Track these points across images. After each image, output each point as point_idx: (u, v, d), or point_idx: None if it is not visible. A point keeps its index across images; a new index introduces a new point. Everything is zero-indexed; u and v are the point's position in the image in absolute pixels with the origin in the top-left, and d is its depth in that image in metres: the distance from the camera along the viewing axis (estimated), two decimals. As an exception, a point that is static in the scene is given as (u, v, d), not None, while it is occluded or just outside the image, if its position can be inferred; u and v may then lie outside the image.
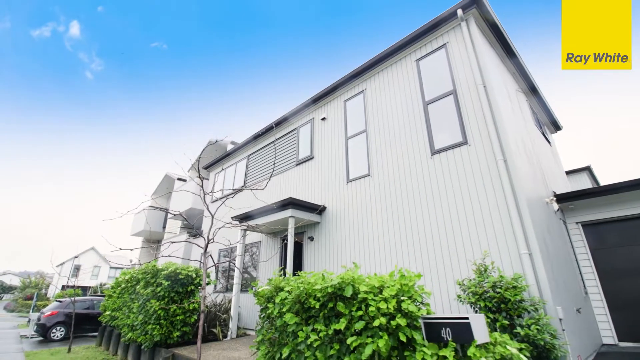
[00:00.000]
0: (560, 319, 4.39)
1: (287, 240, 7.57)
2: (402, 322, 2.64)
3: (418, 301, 2.95)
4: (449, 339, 2.64)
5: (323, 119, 9.18)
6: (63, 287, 33.69)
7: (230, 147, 14.87)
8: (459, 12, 6.45)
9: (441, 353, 2.54)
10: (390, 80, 7.78)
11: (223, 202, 4.70)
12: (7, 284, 50.60)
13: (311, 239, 8.10)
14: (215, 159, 14.28)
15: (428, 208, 6.00)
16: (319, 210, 8.02)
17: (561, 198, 7.17)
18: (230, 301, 8.58)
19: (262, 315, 3.96)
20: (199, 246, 4.15)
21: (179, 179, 19.51)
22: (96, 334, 12.24)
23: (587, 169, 19.02)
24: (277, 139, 10.84)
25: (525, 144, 6.61)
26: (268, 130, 11.16)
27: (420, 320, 2.83)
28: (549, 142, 9.67)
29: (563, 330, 4.36)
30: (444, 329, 2.71)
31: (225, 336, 7.73)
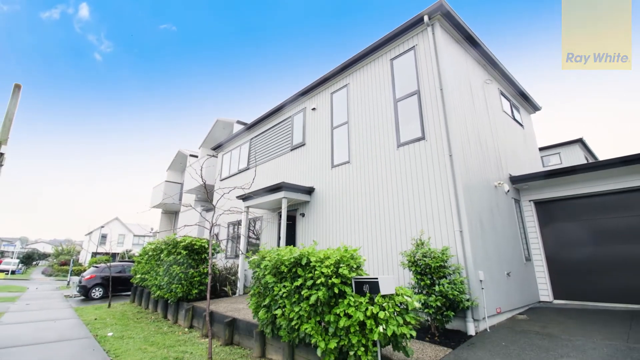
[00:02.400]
0: (481, 280, 5.75)
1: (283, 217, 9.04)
2: (336, 281, 4.04)
3: (354, 267, 4.33)
4: (367, 291, 4.04)
5: (313, 109, 10.28)
6: (93, 254, 37.06)
7: (236, 126, 16.06)
8: (425, 18, 7.29)
9: (360, 300, 3.95)
10: (369, 76, 8.75)
11: (222, 196, 6.11)
12: (40, 251, 55.30)
13: (302, 215, 9.54)
14: (222, 141, 15.60)
15: (392, 193, 7.27)
16: (308, 191, 9.38)
17: (515, 180, 8.30)
18: (238, 266, 10.30)
19: (253, 276, 5.46)
20: (205, 228, 5.59)
21: (191, 155, 21.03)
22: (128, 293, 14.44)
23: (580, 141, 19.65)
24: (274, 126, 12.03)
25: (480, 135, 7.67)
26: (266, 117, 12.33)
27: (352, 280, 4.23)
28: (521, 125, 10.57)
29: (482, 289, 5.72)
30: (365, 285, 4.11)
31: (234, 293, 9.49)
